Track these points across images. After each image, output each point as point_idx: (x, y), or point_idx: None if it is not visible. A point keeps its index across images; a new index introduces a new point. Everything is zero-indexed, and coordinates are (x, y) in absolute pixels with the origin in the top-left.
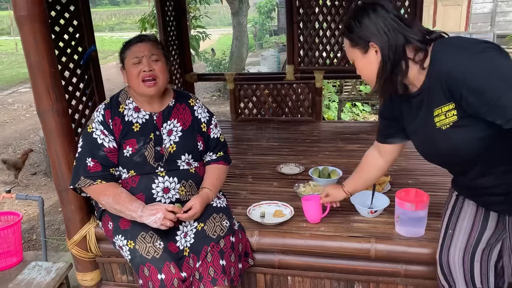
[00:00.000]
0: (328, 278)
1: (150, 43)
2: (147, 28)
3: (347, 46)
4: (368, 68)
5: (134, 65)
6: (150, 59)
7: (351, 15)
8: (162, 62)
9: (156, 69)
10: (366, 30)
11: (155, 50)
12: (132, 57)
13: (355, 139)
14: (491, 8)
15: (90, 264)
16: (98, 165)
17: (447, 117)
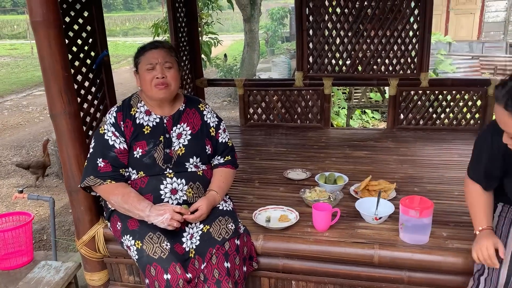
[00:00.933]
0: (331, 283)
1: (164, 50)
2: (160, 33)
3: (506, 116)
4: None
5: (148, 71)
6: (163, 66)
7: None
8: (175, 69)
9: (169, 76)
10: None
11: (169, 58)
12: (146, 63)
13: (362, 146)
14: (504, 17)
15: (98, 264)
16: (108, 166)
17: None
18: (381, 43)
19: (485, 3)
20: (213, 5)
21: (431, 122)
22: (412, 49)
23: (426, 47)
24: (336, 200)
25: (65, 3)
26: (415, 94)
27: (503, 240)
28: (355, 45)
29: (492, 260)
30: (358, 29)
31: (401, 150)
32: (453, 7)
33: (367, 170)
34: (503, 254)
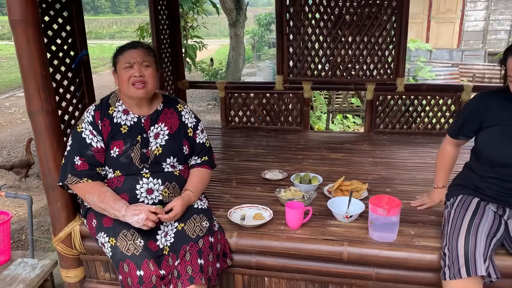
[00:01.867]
0: (303, 280)
1: (142, 50)
2: (145, 36)
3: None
4: None
5: (126, 69)
6: (141, 65)
7: None
8: (153, 68)
9: (146, 75)
10: None
11: (147, 57)
12: (124, 62)
13: (339, 148)
14: (483, 26)
15: (74, 261)
16: (85, 164)
17: None
18: (358, 48)
19: (465, 13)
20: (198, 9)
21: (406, 126)
22: (388, 55)
23: (402, 53)
24: (310, 199)
25: (45, 3)
26: (392, 99)
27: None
28: (333, 50)
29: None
30: (336, 35)
31: (376, 152)
32: (434, 15)
33: (342, 171)
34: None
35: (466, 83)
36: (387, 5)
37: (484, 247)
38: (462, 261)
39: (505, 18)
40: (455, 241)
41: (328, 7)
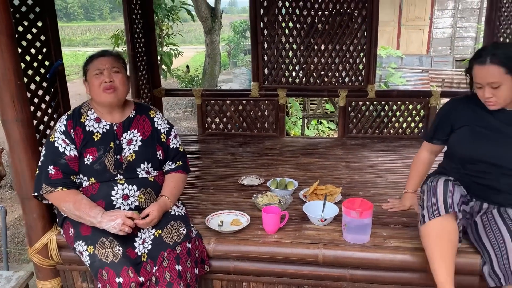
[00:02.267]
0: (280, 283)
1: (112, 57)
2: (120, 44)
3: (501, 72)
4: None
5: (96, 76)
6: (111, 71)
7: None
8: (123, 74)
9: (117, 81)
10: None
11: (116, 63)
12: (94, 69)
13: (314, 153)
14: (450, 33)
15: (51, 272)
16: (59, 173)
17: None
18: (331, 56)
19: (433, 20)
20: (173, 17)
21: (378, 131)
22: (359, 62)
23: (372, 60)
24: (286, 204)
25: (18, 13)
26: (363, 105)
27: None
28: (307, 58)
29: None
30: (309, 43)
31: (350, 157)
32: (404, 23)
33: (317, 176)
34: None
35: (434, 89)
36: (357, 14)
37: (458, 200)
38: (440, 200)
39: (471, 25)
40: (434, 189)
41: (301, 16)
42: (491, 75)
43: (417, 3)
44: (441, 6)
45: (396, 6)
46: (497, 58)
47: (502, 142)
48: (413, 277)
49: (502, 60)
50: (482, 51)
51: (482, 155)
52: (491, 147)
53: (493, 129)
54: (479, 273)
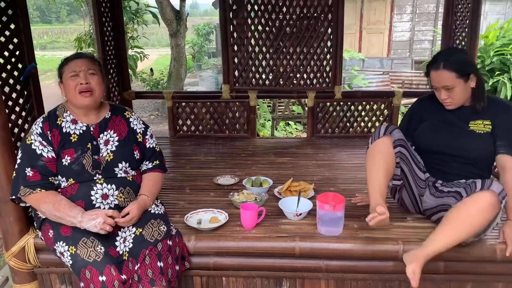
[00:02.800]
0: (259, 277)
1: (87, 59)
2: (84, 47)
3: (453, 77)
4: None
5: (72, 78)
6: (87, 73)
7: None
8: (98, 76)
9: (93, 82)
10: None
11: (92, 65)
12: (70, 71)
13: (285, 153)
14: (409, 37)
15: (29, 275)
16: (37, 174)
17: (484, 127)
18: (299, 59)
19: (393, 24)
20: (138, 20)
21: (345, 130)
22: (326, 65)
23: (338, 62)
24: (262, 201)
25: None
26: (331, 106)
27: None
28: (276, 60)
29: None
30: (278, 46)
31: (319, 155)
32: (365, 26)
33: (289, 174)
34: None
35: (397, 89)
36: (323, 18)
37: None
38: (382, 130)
39: (428, 29)
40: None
41: (270, 19)
42: (445, 79)
43: (377, 7)
44: (400, 10)
45: (357, 10)
46: (449, 64)
47: (454, 133)
48: (385, 266)
49: (454, 66)
50: (437, 57)
51: (436, 145)
52: (444, 138)
53: (449, 122)
54: (443, 259)
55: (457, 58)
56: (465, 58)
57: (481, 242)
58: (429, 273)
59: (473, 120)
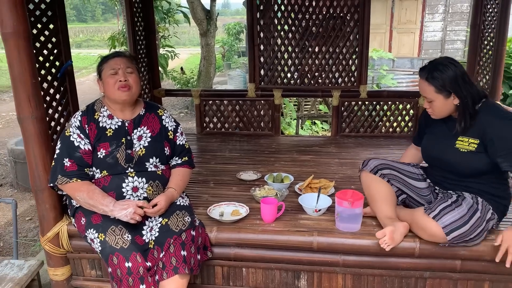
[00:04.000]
0: (277, 269)
1: (125, 58)
2: (117, 45)
3: (432, 90)
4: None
5: (111, 75)
6: (125, 71)
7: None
8: (136, 74)
9: (131, 80)
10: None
11: (130, 64)
12: (110, 69)
13: (308, 151)
14: (440, 37)
15: (62, 260)
16: (74, 165)
17: (469, 145)
18: (324, 58)
19: (424, 24)
20: (169, 20)
21: (369, 130)
22: (352, 64)
23: (364, 62)
24: (283, 197)
25: (33, 17)
26: (356, 105)
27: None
28: (301, 59)
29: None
30: (304, 45)
31: (342, 154)
32: (396, 26)
33: (311, 171)
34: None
35: None
36: (350, 18)
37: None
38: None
39: (461, 28)
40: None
41: (296, 19)
42: (424, 90)
43: (409, 7)
44: (432, 10)
45: (388, 10)
46: (431, 78)
47: (443, 150)
48: (400, 262)
49: (434, 81)
50: (428, 65)
51: (431, 160)
52: (436, 153)
53: (442, 136)
54: (460, 258)
55: (442, 73)
56: (452, 75)
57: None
58: (446, 271)
59: (462, 135)
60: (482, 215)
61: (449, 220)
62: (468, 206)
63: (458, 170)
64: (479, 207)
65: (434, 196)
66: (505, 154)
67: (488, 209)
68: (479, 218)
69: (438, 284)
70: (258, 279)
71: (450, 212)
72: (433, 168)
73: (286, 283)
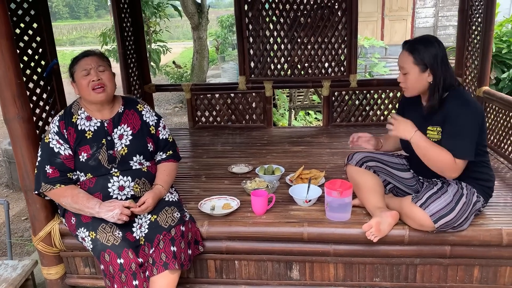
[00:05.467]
0: (269, 260)
1: (96, 56)
2: (108, 42)
3: (410, 60)
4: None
5: (84, 77)
6: (97, 70)
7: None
8: (109, 71)
9: (104, 78)
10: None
11: (101, 62)
12: (81, 70)
13: (300, 142)
14: (432, 23)
15: (55, 259)
16: (56, 171)
17: (437, 134)
18: (314, 48)
19: (416, 10)
20: (160, 14)
21: (361, 119)
22: (341, 53)
23: (353, 51)
24: (273, 188)
25: (15, 16)
26: (346, 94)
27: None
28: (291, 51)
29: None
30: (293, 36)
31: (334, 144)
32: (387, 14)
33: (302, 162)
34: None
35: None
36: (337, 7)
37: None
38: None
39: (453, 14)
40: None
41: (284, 10)
42: (402, 60)
43: None
44: None
45: None
46: (413, 49)
47: None
48: (390, 250)
49: (415, 51)
50: (412, 39)
51: (407, 149)
52: (410, 144)
53: (416, 124)
54: (449, 243)
55: (425, 46)
56: (433, 51)
57: (486, 226)
58: (436, 257)
59: (431, 125)
60: (468, 200)
61: (436, 208)
62: (454, 191)
63: None
64: (464, 191)
65: (420, 185)
66: (446, 137)
67: (473, 192)
68: (465, 203)
69: (429, 270)
70: (251, 271)
71: (436, 200)
72: (413, 157)
73: (279, 274)
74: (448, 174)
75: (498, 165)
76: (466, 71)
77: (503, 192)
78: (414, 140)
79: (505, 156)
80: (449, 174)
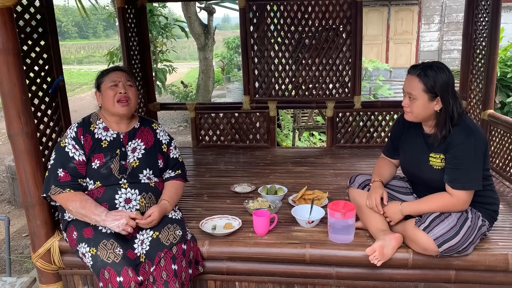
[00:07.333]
0: (271, 282)
1: (126, 72)
2: (115, 61)
3: (420, 88)
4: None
5: (111, 87)
6: (125, 83)
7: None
8: (135, 89)
9: (130, 93)
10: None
11: (130, 78)
12: (110, 81)
13: (304, 162)
14: (437, 46)
15: (54, 276)
16: (68, 175)
17: (441, 161)
18: (318, 69)
19: (420, 34)
20: (167, 34)
21: (365, 140)
22: (346, 75)
23: (357, 73)
24: (276, 208)
25: (23, 33)
26: (350, 116)
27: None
28: (295, 71)
29: (377, 207)
30: (297, 58)
31: (337, 165)
32: (392, 37)
33: (306, 183)
34: (386, 201)
35: None
36: (342, 29)
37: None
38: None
39: (457, 38)
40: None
41: (289, 32)
42: (412, 86)
43: (404, 17)
44: (428, 20)
45: (384, 21)
46: (424, 76)
47: (418, 166)
48: (394, 273)
49: (426, 78)
50: (421, 64)
51: (409, 175)
52: (413, 170)
53: (416, 151)
54: (454, 268)
55: (436, 74)
56: (445, 79)
57: (492, 250)
58: (441, 281)
59: (434, 152)
60: (473, 224)
61: (440, 232)
62: (458, 215)
63: (436, 186)
64: (469, 215)
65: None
66: (451, 167)
67: (478, 216)
68: (470, 227)
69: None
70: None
71: (440, 223)
72: (415, 182)
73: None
74: (456, 209)
75: (503, 189)
76: (470, 94)
77: (508, 216)
78: (406, 211)
79: (510, 180)
80: (457, 209)
